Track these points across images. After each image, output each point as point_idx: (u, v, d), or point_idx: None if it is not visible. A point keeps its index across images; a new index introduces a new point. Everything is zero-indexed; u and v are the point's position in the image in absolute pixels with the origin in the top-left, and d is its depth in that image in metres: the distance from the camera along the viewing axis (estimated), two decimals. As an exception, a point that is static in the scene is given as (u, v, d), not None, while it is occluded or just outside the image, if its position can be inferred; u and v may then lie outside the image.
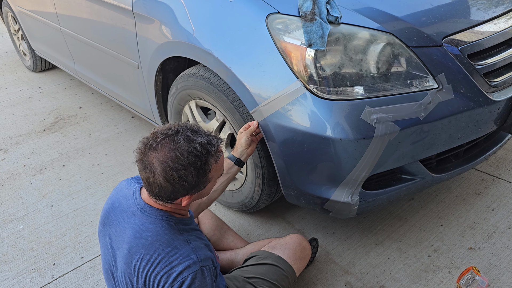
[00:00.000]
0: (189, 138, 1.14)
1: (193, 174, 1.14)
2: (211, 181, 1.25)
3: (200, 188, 1.21)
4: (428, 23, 1.56)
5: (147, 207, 1.25)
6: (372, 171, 1.54)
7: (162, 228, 1.21)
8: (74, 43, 2.87)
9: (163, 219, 1.23)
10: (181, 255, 1.18)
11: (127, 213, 1.27)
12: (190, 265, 1.17)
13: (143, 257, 1.19)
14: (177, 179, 1.13)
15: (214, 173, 1.22)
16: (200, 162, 1.14)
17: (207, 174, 1.19)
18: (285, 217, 2.13)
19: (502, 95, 1.66)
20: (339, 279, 1.77)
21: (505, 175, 2.26)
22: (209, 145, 1.18)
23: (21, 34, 4.11)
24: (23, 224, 2.22)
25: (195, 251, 1.20)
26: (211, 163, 1.18)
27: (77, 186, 2.48)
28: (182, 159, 1.12)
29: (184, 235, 1.23)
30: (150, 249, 1.19)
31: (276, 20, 1.54)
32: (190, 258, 1.18)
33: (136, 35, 2.10)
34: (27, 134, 3.10)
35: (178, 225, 1.24)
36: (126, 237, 1.24)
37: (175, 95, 2.04)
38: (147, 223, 1.22)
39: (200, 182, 1.18)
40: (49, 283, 1.85)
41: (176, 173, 1.12)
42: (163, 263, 1.17)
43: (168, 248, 1.19)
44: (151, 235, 1.20)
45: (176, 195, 1.18)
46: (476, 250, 1.85)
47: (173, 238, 1.20)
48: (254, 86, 1.58)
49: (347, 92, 1.47)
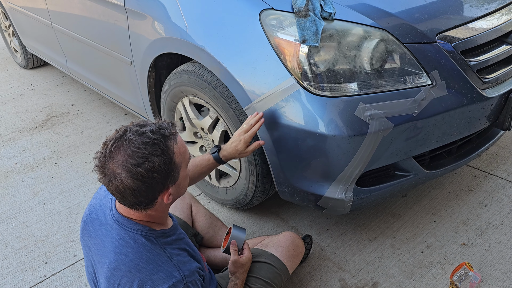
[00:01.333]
0: (139, 132, 1.09)
1: (159, 162, 1.06)
2: (182, 168, 1.16)
3: (174, 177, 1.13)
4: (421, 20, 1.56)
5: (125, 221, 1.18)
6: (366, 168, 1.54)
7: (143, 244, 1.15)
8: (66, 40, 2.85)
9: (142, 234, 1.17)
10: (164, 274, 1.13)
11: (105, 226, 1.21)
12: (175, 284, 1.12)
13: (124, 275, 1.13)
14: (145, 174, 1.05)
15: (179, 157, 1.14)
16: (160, 148, 1.08)
17: (172, 159, 1.11)
18: (279, 214, 2.13)
19: (495, 92, 1.67)
20: (333, 276, 1.77)
21: (497, 171, 2.28)
22: (161, 129, 1.11)
23: (12, 31, 4.07)
24: (15, 222, 2.20)
25: (178, 268, 1.15)
26: (171, 146, 1.11)
27: (69, 184, 2.46)
28: (141, 152, 1.05)
29: (166, 250, 1.17)
30: (131, 266, 1.13)
31: (270, 16, 1.53)
32: (174, 277, 1.13)
33: (128, 31, 2.08)
34: (18, 132, 3.07)
35: (158, 240, 1.18)
36: (106, 251, 1.18)
37: (168, 92, 2.03)
38: (126, 238, 1.16)
39: (170, 169, 1.10)
40: (41, 282, 1.84)
41: (142, 168, 1.05)
42: (145, 281, 1.12)
43: (150, 266, 1.13)
44: (131, 251, 1.14)
45: (154, 193, 1.11)
46: (469, 246, 1.86)
47: (154, 255, 1.15)
48: (247, 82, 1.57)
49: (341, 89, 1.46)
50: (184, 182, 1.21)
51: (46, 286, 1.82)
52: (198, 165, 1.59)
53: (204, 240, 1.81)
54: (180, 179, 1.17)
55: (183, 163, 1.17)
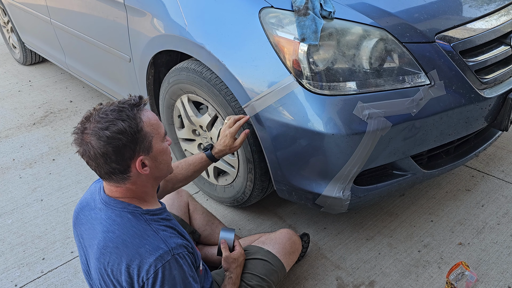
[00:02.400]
0: (109, 103, 1.17)
1: (124, 125, 1.11)
2: (155, 140, 1.18)
3: (145, 146, 1.15)
4: (421, 19, 1.56)
5: (111, 200, 1.22)
6: (364, 167, 1.54)
7: (129, 220, 1.18)
8: (65, 36, 2.84)
9: (128, 211, 1.20)
10: (150, 246, 1.14)
11: (94, 210, 1.24)
12: (162, 255, 1.13)
13: (112, 252, 1.16)
14: (110, 135, 1.10)
15: (149, 127, 1.16)
16: (126, 114, 1.12)
17: (139, 125, 1.14)
18: (276, 212, 2.13)
19: (493, 92, 1.67)
20: (330, 274, 1.78)
21: (494, 172, 2.28)
22: (128, 100, 1.17)
23: (11, 27, 4.05)
24: (12, 218, 2.19)
25: (165, 240, 1.16)
26: (138, 115, 1.15)
27: (67, 181, 2.46)
28: (107, 117, 1.11)
29: (151, 225, 1.19)
30: (118, 242, 1.15)
31: (269, 14, 1.53)
32: (160, 248, 1.14)
33: (127, 28, 2.08)
34: (16, 128, 3.07)
35: (144, 216, 1.20)
36: (95, 233, 1.21)
37: (167, 89, 2.03)
38: (113, 216, 1.19)
39: (137, 135, 1.13)
40: (38, 278, 1.84)
41: (108, 131, 1.10)
42: (133, 256, 1.14)
43: (136, 240, 1.15)
44: (118, 228, 1.17)
45: (125, 159, 1.13)
46: (466, 245, 1.86)
47: (140, 230, 1.17)
48: (246, 80, 1.57)
49: (339, 87, 1.47)
50: (163, 157, 1.22)
51: (43, 282, 1.82)
52: (192, 163, 1.62)
53: (201, 238, 1.81)
54: (155, 152, 1.19)
55: (156, 135, 1.19)
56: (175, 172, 1.58)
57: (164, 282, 1.13)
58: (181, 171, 1.60)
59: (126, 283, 1.15)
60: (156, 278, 1.12)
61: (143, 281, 1.13)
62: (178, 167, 1.60)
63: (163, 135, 1.22)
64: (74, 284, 1.80)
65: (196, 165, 1.62)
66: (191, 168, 1.61)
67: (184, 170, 1.60)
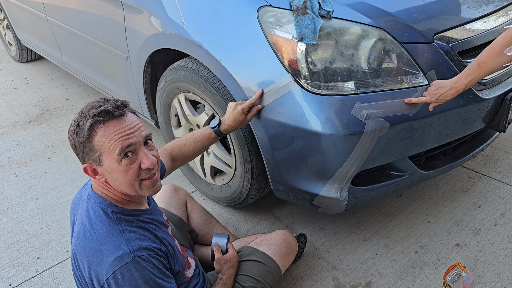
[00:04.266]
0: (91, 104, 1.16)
1: (76, 130, 1.12)
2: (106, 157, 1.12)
3: (93, 157, 1.12)
4: (419, 20, 1.55)
5: (93, 194, 1.22)
6: (362, 167, 1.53)
7: (99, 216, 1.18)
8: (61, 34, 2.82)
9: (101, 206, 1.19)
10: (112, 245, 1.13)
11: (81, 201, 1.27)
12: (121, 256, 1.11)
13: (80, 244, 1.16)
14: (68, 133, 1.15)
15: (100, 142, 1.10)
16: (83, 121, 1.11)
17: (87, 137, 1.10)
18: (273, 212, 2.12)
19: (491, 93, 1.67)
20: (327, 275, 1.77)
21: (492, 173, 2.28)
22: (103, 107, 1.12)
23: (7, 24, 4.03)
24: (7, 217, 2.18)
25: (128, 241, 1.14)
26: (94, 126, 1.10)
27: (63, 179, 2.44)
28: (77, 116, 1.14)
29: (119, 225, 1.17)
30: (86, 236, 1.16)
31: (268, 13, 1.52)
32: (121, 249, 1.12)
33: (124, 26, 2.06)
34: (12, 126, 3.05)
35: (116, 215, 1.18)
36: (76, 224, 1.24)
37: (164, 88, 2.01)
38: (89, 209, 1.20)
39: (84, 145, 1.11)
40: (33, 277, 1.82)
41: (69, 128, 1.15)
42: (95, 252, 1.13)
43: (101, 237, 1.14)
44: (89, 221, 1.18)
45: (78, 157, 1.17)
46: (463, 246, 1.86)
47: (107, 227, 1.16)
48: (244, 79, 1.56)
49: (337, 87, 1.46)
50: (116, 176, 1.15)
51: (38, 281, 1.80)
52: (199, 140, 1.60)
53: (199, 237, 1.80)
54: (106, 167, 1.14)
55: (106, 153, 1.12)
56: (182, 150, 1.59)
57: (125, 283, 1.11)
58: (189, 148, 1.60)
59: (87, 278, 1.15)
60: (116, 280, 1.10)
61: (102, 281, 1.12)
62: (185, 145, 1.59)
63: (115, 155, 1.11)
64: (69, 283, 1.78)
65: (204, 141, 1.61)
66: (198, 144, 1.61)
67: (192, 147, 1.60)
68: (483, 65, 1.37)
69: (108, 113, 1.12)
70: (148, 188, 1.19)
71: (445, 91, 1.42)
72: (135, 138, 1.14)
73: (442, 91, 1.42)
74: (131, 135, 1.13)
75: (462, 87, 1.41)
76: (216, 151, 1.93)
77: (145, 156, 1.16)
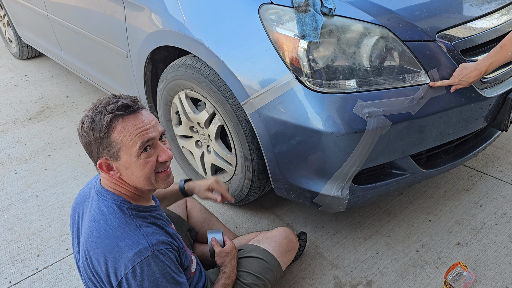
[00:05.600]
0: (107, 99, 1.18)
1: (91, 126, 1.12)
2: (125, 151, 1.14)
3: (110, 152, 1.14)
4: (422, 18, 1.55)
5: (103, 191, 1.23)
6: (363, 166, 1.53)
7: (114, 212, 1.18)
8: (62, 31, 2.81)
9: (115, 203, 1.20)
10: (130, 241, 1.14)
11: (88, 198, 1.27)
12: (141, 251, 1.12)
13: (94, 241, 1.16)
14: (81, 129, 1.15)
15: (119, 137, 1.12)
16: (99, 117, 1.12)
17: (105, 132, 1.12)
18: (274, 211, 2.12)
19: (494, 92, 1.66)
20: (328, 273, 1.77)
21: (493, 172, 2.28)
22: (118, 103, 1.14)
23: (7, 20, 4.02)
24: (7, 214, 2.17)
25: (146, 236, 1.16)
26: (112, 120, 1.12)
27: (63, 177, 2.44)
28: (90, 113, 1.15)
29: (136, 221, 1.19)
30: (101, 232, 1.16)
31: (269, 10, 1.51)
32: (140, 244, 1.13)
33: (125, 23, 2.05)
34: (12, 123, 3.04)
35: (131, 211, 1.20)
36: (85, 222, 1.23)
37: (164, 86, 2.01)
38: (101, 206, 1.20)
39: (101, 140, 1.12)
40: (33, 275, 1.82)
41: (82, 125, 1.15)
42: (112, 248, 1.13)
43: (117, 233, 1.15)
44: (103, 218, 1.18)
45: (92, 154, 1.17)
46: (464, 245, 1.86)
47: (123, 222, 1.17)
48: (245, 77, 1.56)
49: (339, 85, 1.45)
50: (133, 170, 1.17)
51: (37, 279, 1.80)
52: (167, 191, 1.62)
53: (199, 236, 1.80)
54: (123, 162, 1.16)
55: (126, 148, 1.14)
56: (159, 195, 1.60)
57: (144, 278, 1.12)
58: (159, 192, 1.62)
59: (103, 275, 1.15)
60: (134, 274, 1.11)
61: (121, 276, 1.12)
62: None
63: (135, 149, 1.14)
64: (69, 281, 1.78)
65: (167, 192, 1.62)
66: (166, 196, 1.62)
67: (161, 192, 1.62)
68: (505, 48, 1.43)
69: (127, 108, 1.14)
70: (163, 181, 1.23)
71: (468, 72, 1.47)
72: (153, 132, 1.17)
73: (466, 72, 1.47)
74: (150, 129, 1.16)
75: (484, 68, 1.46)
76: (217, 149, 1.93)
77: (162, 150, 1.20)
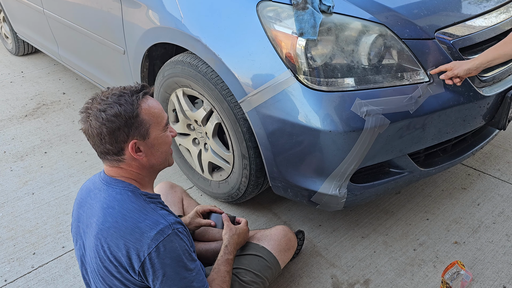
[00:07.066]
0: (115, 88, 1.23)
1: (120, 110, 1.16)
2: (153, 128, 1.22)
3: (140, 131, 1.19)
4: (420, 15, 1.54)
5: (112, 180, 1.25)
6: (361, 164, 1.52)
7: (128, 197, 1.21)
8: (58, 27, 2.79)
9: (129, 189, 1.23)
10: (150, 221, 1.17)
11: (93, 191, 1.28)
12: (163, 229, 1.16)
13: (110, 226, 1.17)
14: (105, 117, 1.15)
15: (147, 115, 1.20)
16: (124, 99, 1.17)
17: (136, 111, 1.18)
18: (271, 209, 2.11)
19: (492, 90, 1.66)
20: (325, 272, 1.76)
21: (491, 170, 2.28)
22: (132, 87, 1.22)
23: (3, 16, 3.99)
24: (3, 212, 2.16)
25: (163, 217, 1.19)
26: (136, 101, 1.19)
27: (59, 174, 2.42)
28: (107, 100, 1.17)
29: (150, 204, 1.23)
30: (118, 216, 1.18)
31: (267, 7, 1.50)
32: (161, 223, 1.17)
33: (122, 20, 2.04)
34: (8, 120, 3.02)
35: (143, 196, 1.24)
36: (94, 211, 1.23)
37: (161, 83, 1.99)
38: (113, 194, 1.22)
39: (132, 120, 1.17)
40: (28, 273, 1.81)
41: (105, 113, 1.15)
42: (132, 230, 1.16)
43: (136, 215, 1.17)
44: (118, 204, 1.20)
45: (118, 142, 1.18)
46: (461, 244, 1.85)
47: (140, 205, 1.20)
48: (243, 75, 1.54)
49: (337, 84, 1.44)
50: (160, 146, 1.25)
51: (33, 277, 1.79)
52: None
53: (196, 234, 1.79)
54: (152, 140, 1.22)
55: (155, 124, 1.22)
56: None
57: (166, 255, 1.15)
58: None
59: (124, 258, 1.16)
60: (158, 252, 1.14)
61: (144, 256, 1.14)
62: None
63: (163, 125, 1.25)
64: (65, 279, 1.77)
65: None
66: None
67: None
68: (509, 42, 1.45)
69: (145, 88, 1.24)
70: (171, 156, 1.33)
71: (465, 62, 1.47)
72: None
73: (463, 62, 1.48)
74: None
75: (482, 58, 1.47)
76: (214, 147, 1.92)
77: (170, 127, 1.31)
